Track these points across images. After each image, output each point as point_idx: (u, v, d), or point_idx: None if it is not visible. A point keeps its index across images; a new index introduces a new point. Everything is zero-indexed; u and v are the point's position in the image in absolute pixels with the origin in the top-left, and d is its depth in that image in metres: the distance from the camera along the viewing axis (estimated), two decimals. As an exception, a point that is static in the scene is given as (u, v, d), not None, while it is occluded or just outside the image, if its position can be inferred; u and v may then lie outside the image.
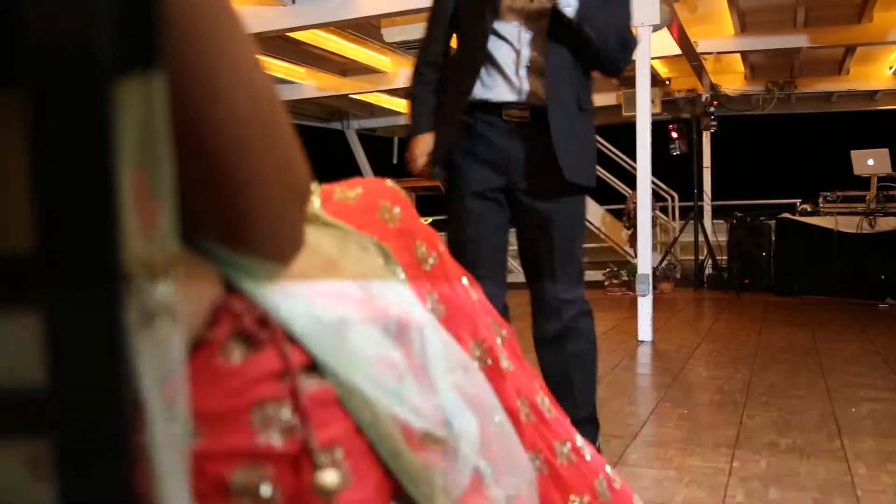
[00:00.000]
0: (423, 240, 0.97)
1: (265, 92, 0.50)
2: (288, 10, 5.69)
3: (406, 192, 3.41)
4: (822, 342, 4.82)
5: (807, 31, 6.77)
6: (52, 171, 0.34)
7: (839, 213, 7.24)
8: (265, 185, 0.51)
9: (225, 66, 0.47)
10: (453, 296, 0.99)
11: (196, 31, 0.45)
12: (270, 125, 0.51)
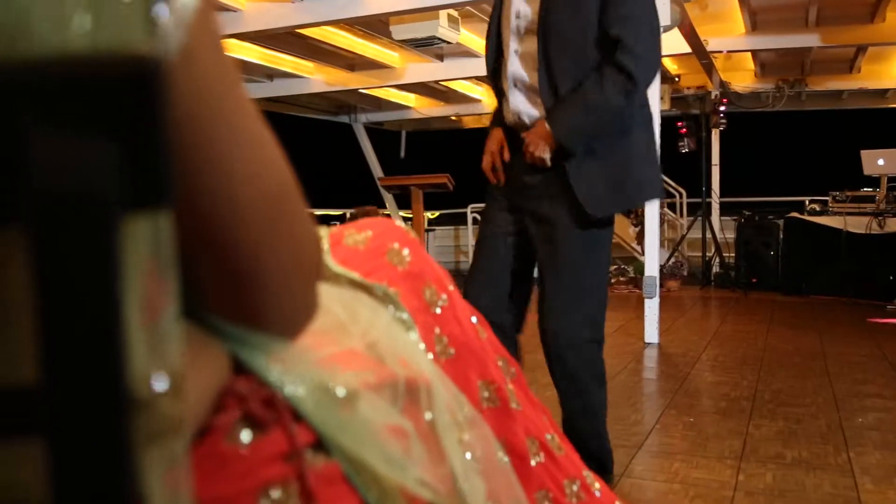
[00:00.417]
0: (433, 281, 0.97)
1: (276, 171, 0.50)
2: (297, 7, 5.67)
3: (415, 188, 3.48)
4: (829, 346, 4.80)
5: (818, 30, 6.72)
6: (57, 306, 0.34)
7: (848, 213, 7.20)
8: (278, 264, 0.51)
9: (235, 152, 0.46)
10: (463, 337, 0.99)
11: (205, 119, 0.44)
12: (282, 204, 0.50)
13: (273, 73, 8.32)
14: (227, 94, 0.45)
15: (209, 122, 0.44)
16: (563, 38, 2.05)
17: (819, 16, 6.46)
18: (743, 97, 9.19)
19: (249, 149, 0.47)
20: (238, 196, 0.46)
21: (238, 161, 0.46)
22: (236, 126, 0.46)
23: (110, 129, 0.33)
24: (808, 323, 5.74)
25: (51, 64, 0.33)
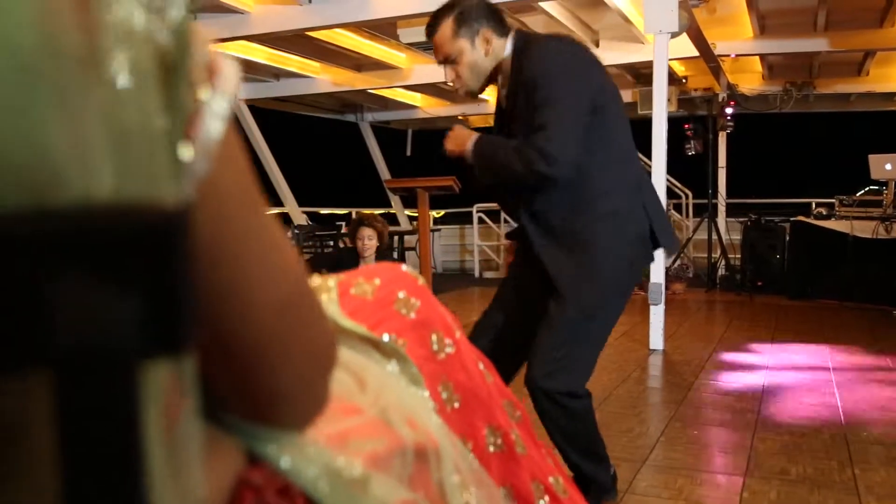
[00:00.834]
0: (440, 328, 0.98)
1: (292, 277, 0.51)
2: (305, 10, 5.67)
3: (421, 190, 3.50)
4: (835, 354, 4.80)
5: (827, 34, 6.70)
6: (78, 450, 0.34)
7: (855, 217, 7.18)
8: (292, 366, 0.52)
9: (254, 268, 0.47)
10: (469, 383, 1.00)
11: (226, 241, 0.45)
12: (297, 309, 0.51)
13: (279, 73, 8.33)
14: (248, 213, 0.46)
15: (230, 243, 0.45)
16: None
17: (828, 20, 6.43)
18: (750, 99, 9.16)
19: (267, 261, 0.48)
20: (255, 307, 0.47)
21: (255, 275, 0.47)
22: (255, 242, 0.47)
23: (134, 279, 0.33)
24: (814, 329, 5.73)
25: (77, 214, 0.33)
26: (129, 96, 0.36)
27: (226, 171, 0.43)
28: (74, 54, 0.34)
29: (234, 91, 0.43)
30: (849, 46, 6.82)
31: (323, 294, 0.90)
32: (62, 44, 0.34)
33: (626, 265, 2.18)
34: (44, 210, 0.33)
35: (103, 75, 0.35)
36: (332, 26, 5.93)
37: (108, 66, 0.35)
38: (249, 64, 7.59)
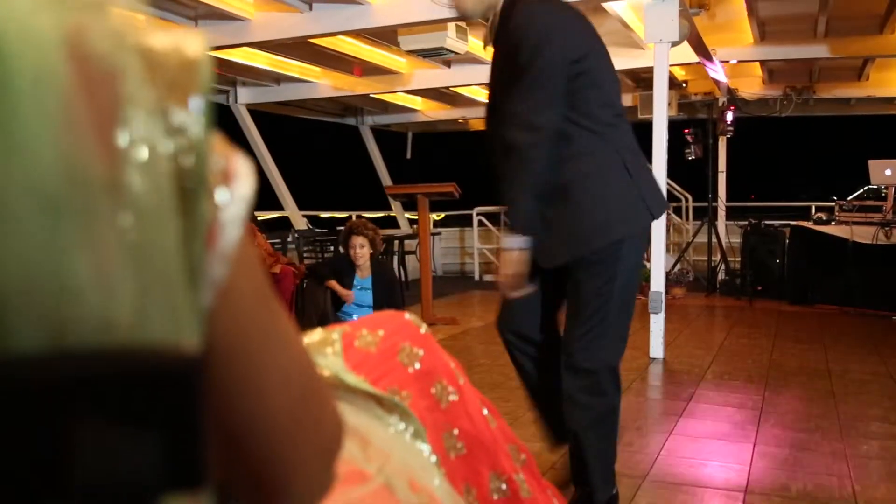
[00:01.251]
0: (444, 376, 0.99)
1: (302, 371, 0.51)
2: (305, 17, 5.68)
3: (421, 196, 3.50)
4: (834, 362, 4.80)
5: (827, 41, 6.70)
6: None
7: (855, 222, 7.19)
8: (301, 456, 0.52)
9: (268, 370, 0.48)
10: (473, 430, 1.01)
11: (241, 344, 0.46)
12: (307, 402, 0.52)
13: (280, 78, 8.33)
14: (261, 312, 0.47)
15: (244, 343, 0.46)
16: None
17: (828, 27, 6.44)
18: (750, 103, 9.17)
19: (280, 360, 0.48)
20: (268, 404, 0.48)
21: (268, 374, 0.47)
22: (268, 340, 0.47)
23: (153, 421, 0.34)
24: (814, 337, 5.74)
25: (97, 357, 0.34)
26: (149, 220, 0.37)
27: (241, 273, 0.44)
28: (96, 185, 0.35)
29: (249, 194, 0.44)
30: (849, 53, 6.82)
31: (328, 347, 0.90)
32: (84, 176, 0.35)
33: (615, 220, 2.19)
34: (65, 353, 0.34)
35: (124, 202, 0.36)
36: (333, 34, 5.94)
37: (128, 192, 0.36)
38: (250, 69, 7.59)
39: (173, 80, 0.39)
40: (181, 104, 0.39)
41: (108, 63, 0.37)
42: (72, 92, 0.35)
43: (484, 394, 3.43)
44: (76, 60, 0.35)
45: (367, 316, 1.01)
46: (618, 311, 2.26)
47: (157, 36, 0.40)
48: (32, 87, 0.34)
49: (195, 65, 0.40)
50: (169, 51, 0.40)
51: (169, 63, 0.40)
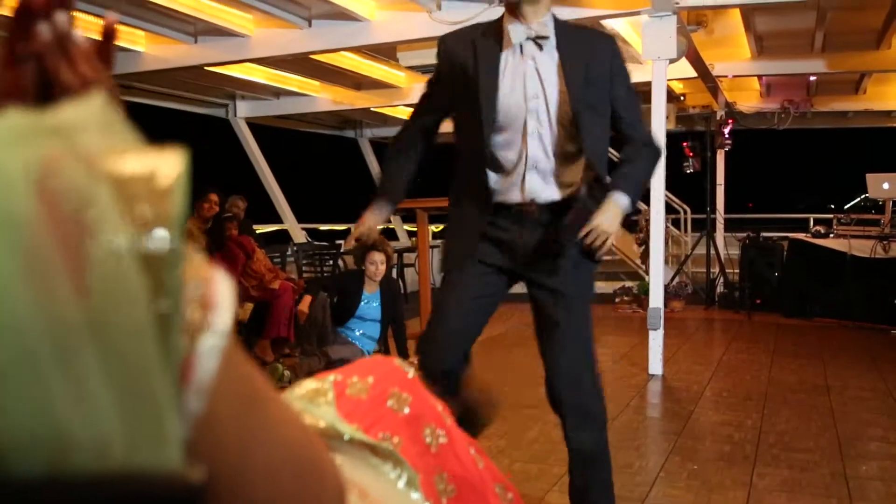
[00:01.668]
0: (432, 419, 1.01)
1: (300, 457, 0.52)
2: (304, 33, 5.70)
3: (420, 210, 3.48)
4: (833, 378, 4.81)
5: (824, 56, 6.74)
6: None
7: (853, 235, 7.20)
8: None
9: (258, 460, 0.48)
10: (462, 472, 1.03)
11: (224, 444, 0.45)
12: (307, 483, 0.52)
13: (279, 92, 8.36)
14: (250, 418, 0.46)
15: (232, 459, 0.45)
16: (588, 124, 2.11)
17: (825, 42, 6.47)
18: (748, 116, 9.20)
19: (271, 455, 0.48)
20: (259, 496, 0.48)
21: (258, 471, 0.47)
22: (256, 444, 0.47)
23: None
24: (813, 352, 5.74)
25: (89, 484, 0.35)
26: (127, 350, 0.36)
27: (222, 399, 0.43)
28: (73, 322, 0.35)
29: (228, 322, 0.43)
30: (845, 68, 6.86)
31: (321, 398, 0.92)
32: (60, 316, 0.34)
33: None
34: (64, 481, 0.35)
35: (101, 335, 0.35)
36: (332, 50, 5.97)
37: (105, 326, 0.36)
38: (249, 83, 7.61)
39: (146, 207, 0.38)
40: (154, 232, 0.37)
41: (79, 197, 0.36)
42: (41, 234, 0.34)
43: (483, 412, 3.38)
44: (46, 199, 0.35)
45: (357, 362, 1.03)
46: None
47: (130, 160, 0.39)
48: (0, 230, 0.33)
49: (169, 191, 0.38)
50: (142, 177, 0.38)
51: (142, 190, 0.38)
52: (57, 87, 0.49)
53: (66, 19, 0.50)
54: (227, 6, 5.47)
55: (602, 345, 6.20)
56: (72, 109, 0.41)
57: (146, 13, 5.44)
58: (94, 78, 0.51)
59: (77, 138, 0.38)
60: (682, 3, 4.75)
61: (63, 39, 0.50)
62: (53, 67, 0.49)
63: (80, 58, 0.51)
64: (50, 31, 0.49)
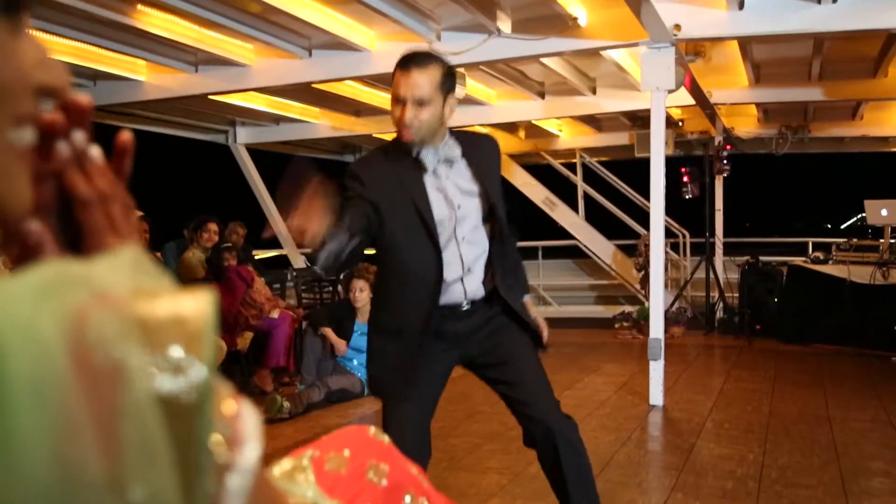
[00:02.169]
0: (411, 486, 1.02)
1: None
2: (305, 63, 5.73)
3: None
4: (835, 409, 4.79)
5: (821, 84, 6.77)
6: None
7: (852, 262, 7.21)
8: None
9: None
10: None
11: None
12: None
13: (279, 118, 8.39)
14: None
15: None
16: (498, 220, 2.39)
17: (822, 70, 6.51)
18: (746, 142, 9.24)
19: None
20: None
21: None
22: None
23: None
24: (814, 380, 5.72)
25: None
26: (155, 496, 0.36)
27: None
28: (95, 482, 0.35)
29: (257, 459, 0.43)
30: (842, 96, 6.90)
31: (300, 475, 0.93)
32: (82, 473, 0.34)
33: None
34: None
35: (125, 498, 0.35)
36: (333, 80, 6.00)
37: (129, 489, 0.35)
38: (250, 110, 7.64)
39: (178, 350, 0.38)
40: (182, 374, 0.38)
41: (109, 350, 0.36)
42: (72, 392, 0.34)
43: (484, 445, 3.46)
44: (77, 355, 0.35)
45: (331, 435, 1.04)
46: None
47: (160, 303, 0.40)
48: (30, 390, 0.33)
49: (200, 332, 0.39)
50: (172, 319, 0.39)
51: (173, 333, 0.39)
52: (76, 201, 0.51)
53: (83, 137, 0.52)
54: (228, 36, 5.50)
55: (602, 373, 6.19)
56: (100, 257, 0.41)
57: (147, 43, 5.47)
58: (109, 191, 0.52)
59: (106, 285, 0.39)
60: (679, 35, 4.78)
61: (81, 156, 0.51)
62: (72, 183, 0.51)
63: (97, 173, 0.52)
64: (69, 149, 0.51)
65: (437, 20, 5.25)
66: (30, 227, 0.50)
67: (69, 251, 0.51)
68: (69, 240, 0.51)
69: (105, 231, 0.51)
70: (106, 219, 0.51)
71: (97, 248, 0.50)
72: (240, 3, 4.66)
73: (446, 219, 2.30)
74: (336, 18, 5.12)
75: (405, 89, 2.22)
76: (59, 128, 0.50)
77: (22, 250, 0.50)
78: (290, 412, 4.64)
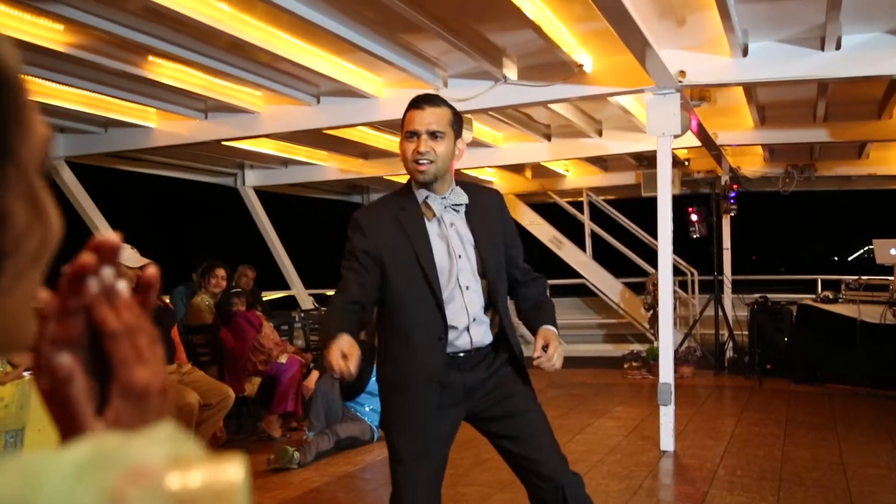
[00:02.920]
0: None
1: None
2: (313, 110, 5.79)
3: None
4: (849, 454, 4.74)
5: (826, 125, 6.80)
6: None
7: (862, 301, 7.17)
8: None
9: None
10: None
11: None
12: None
13: (288, 161, 8.46)
14: None
15: None
16: (497, 271, 2.41)
17: (827, 112, 6.53)
18: (753, 180, 9.26)
19: None
20: None
21: None
22: None
23: None
24: (826, 423, 5.67)
25: None
26: None
27: None
28: None
29: None
30: (848, 137, 6.92)
31: None
32: None
33: None
34: None
35: None
36: (341, 127, 6.05)
37: None
38: (258, 154, 7.72)
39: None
40: None
41: None
42: None
43: (493, 494, 3.43)
44: None
45: None
46: None
47: (194, 473, 0.41)
48: None
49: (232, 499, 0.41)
50: (204, 491, 0.41)
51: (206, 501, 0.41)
52: (105, 334, 0.53)
53: (112, 273, 0.54)
54: (237, 84, 5.57)
55: (612, 416, 6.14)
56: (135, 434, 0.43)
57: (157, 91, 5.53)
58: (136, 323, 0.54)
59: (143, 458, 0.40)
60: (684, 81, 4.82)
61: (109, 292, 0.53)
62: (101, 317, 0.53)
63: (124, 307, 0.54)
64: (98, 285, 0.53)
65: (443, 67, 5.31)
66: (61, 361, 0.52)
67: (97, 381, 0.53)
68: (97, 369, 0.53)
69: (132, 362, 0.53)
70: (133, 350, 0.53)
71: (124, 378, 0.52)
72: (248, 53, 4.73)
73: (447, 268, 2.33)
74: (343, 67, 5.18)
75: (419, 124, 2.29)
76: (90, 268, 0.52)
77: (53, 383, 0.52)
78: (299, 462, 4.61)
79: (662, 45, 4.63)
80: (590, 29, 4.54)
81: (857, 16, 4.32)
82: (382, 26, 4.41)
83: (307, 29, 4.27)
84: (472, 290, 2.35)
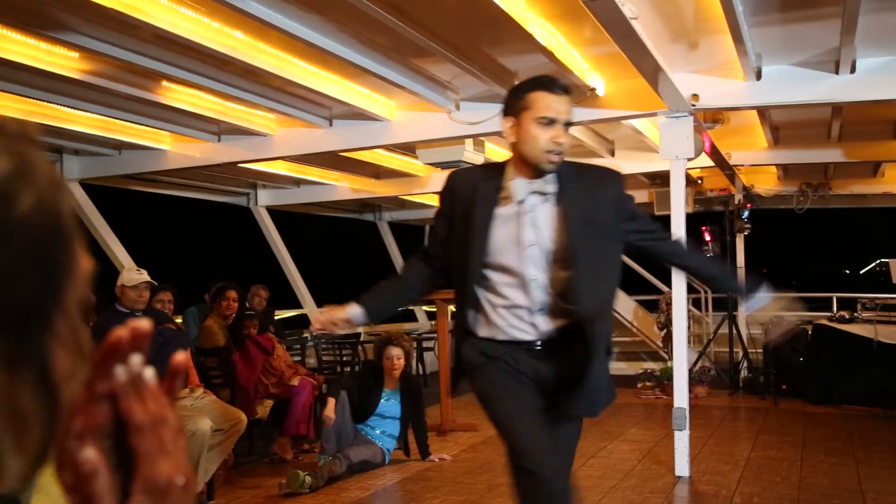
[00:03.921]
0: None
1: None
2: (326, 133, 5.81)
3: (440, 302, 3.58)
4: (867, 480, 4.66)
5: (841, 145, 6.77)
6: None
7: (879, 321, 7.10)
8: None
9: None
10: None
11: None
12: None
13: (300, 181, 8.49)
14: None
15: None
16: (588, 257, 2.26)
17: (842, 132, 6.50)
18: (767, 199, 9.22)
19: None
20: None
21: None
22: None
23: None
24: (844, 447, 5.59)
25: None
26: None
27: None
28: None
29: None
30: (862, 157, 6.88)
31: None
32: None
33: None
34: None
35: None
36: (353, 150, 6.07)
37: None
38: (270, 175, 7.74)
39: None
40: None
41: None
42: None
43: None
44: None
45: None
46: None
47: None
48: None
49: None
50: None
51: None
52: (129, 427, 0.52)
53: (140, 361, 0.54)
54: (250, 108, 5.59)
55: (626, 439, 6.09)
56: None
57: (171, 115, 5.56)
58: (161, 414, 0.54)
59: None
60: (698, 105, 4.80)
61: (136, 380, 0.53)
62: (126, 406, 0.52)
63: (150, 396, 0.53)
64: (125, 373, 0.52)
65: (455, 91, 5.31)
66: (86, 457, 0.51)
67: (119, 473, 0.52)
68: (119, 458, 0.53)
69: (156, 455, 0.52)
70: (157, 442, 0.53)
71: (147, 473, 0.52)
72: (262, 79, 4.75)
73: (508, 254, 2.25)
74: (356, 91, 5.20)
75: (559, 112, 2.22)
76: (122, 350, 0.52)
77: (76, 477, 0.52)
78: (311, 487, 4.58)
79: (675, 68, 4.62)
80: (602, 52, 4.53)
81: (872, 39, 4.29)
82: (395, 51, 4.42)
83: (320, 56, 4.30)
84: (539, 281, 2.25)
